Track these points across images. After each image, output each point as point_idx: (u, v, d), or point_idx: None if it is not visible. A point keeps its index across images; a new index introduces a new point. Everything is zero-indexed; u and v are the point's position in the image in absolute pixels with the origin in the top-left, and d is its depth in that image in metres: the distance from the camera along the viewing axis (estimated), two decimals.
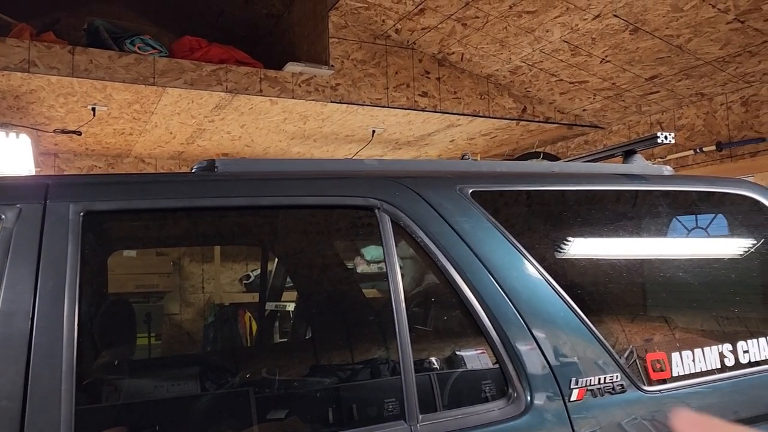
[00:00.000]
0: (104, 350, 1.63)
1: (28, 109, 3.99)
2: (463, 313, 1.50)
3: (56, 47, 3.41)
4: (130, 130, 4.57)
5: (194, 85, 3.68)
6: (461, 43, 4.14)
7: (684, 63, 3.86)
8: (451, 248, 1.49)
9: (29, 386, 1.13)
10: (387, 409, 1.38)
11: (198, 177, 1.46)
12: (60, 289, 1.22)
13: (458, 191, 1.58)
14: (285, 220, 1.63)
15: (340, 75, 4.09)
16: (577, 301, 1.53)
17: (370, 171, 1.64)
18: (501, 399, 1.42)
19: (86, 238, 1.29)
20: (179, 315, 5.18)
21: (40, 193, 1.29)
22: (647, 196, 1.87)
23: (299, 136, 4.90)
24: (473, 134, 5.06)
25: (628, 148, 1.99)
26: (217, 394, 1.69)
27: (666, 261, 1.86)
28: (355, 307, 1.94)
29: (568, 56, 4.02)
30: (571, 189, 1.75)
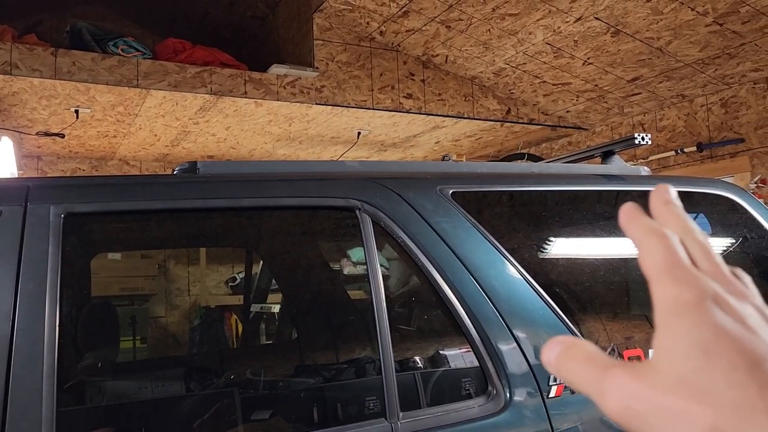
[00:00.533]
0: (87, 352, 1.63)
1: (11, 112, 3.96)
2: (443, 313, 1.53)
3: (38, 49, 3.39)
4: (114, 132, 4.55)
5: (178, 87, 3.68)
6: (445, 45, 4.17)
7: (665, 65, 3.92)
8: (431, 248, 1.51)
9: (10, 387, 1.14)
10: (368, 408, 1.39)
11: (180, 179, 1.47)
12: (41, 291, 1.22)
13: (438, 192, 1.60)
14: (267, 221, 1.64)
15: (325, 77, 4.10)
16: (557, 300, 1.55)
17: (351, 172, 1.65)
18: (481, 396, 1.44)
19: (67, 239, 1.29)
20: (165, 318, 5.16)
21: (20, 195, 1.30)
22: (625, 197, 1.90)
23: (285, 138, 4.90)
24: (458, 136, 5.10)
25: (606, 149, 2.02)
26: (201, 395, 1.70)
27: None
28: (339, 308, 1.96)
29: (551, 58, 4.07)
30: (550, 189, 1.78)
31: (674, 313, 0.30)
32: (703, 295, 0.30)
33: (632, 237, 0.34)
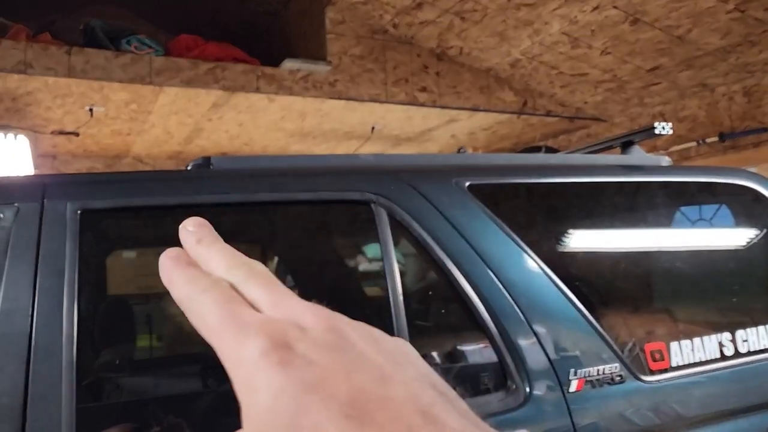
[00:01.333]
0: (104, 348, 1.63)
1: (26, 111, 3.99)
2: (461, 307, 1.50)
3: (53, 48, 3.41)
4: (127, 130, 4.57)
5: (191, 83, 3.68)
6: (460, 37, 4.13)
7: (685, 54, 3.85)
8: (448, 242, 1.49)
9: (30, 383, 1.14)
10: None
11: (193, 174, 1.46)
12: (59, 286, 1.22)
13: (455, 184, 1.57)
14: (281, 216, 1.63)
15: (338, 71, 4.08)
16: (576, 294, 1.52)
17: (366, 165, 1.64)
18: (500, 391, 1.42)
19: (84, 236, 1.29)
20: (180, 316, 5.18)
21: (37, 192, 1.30)
22: (645, 187, 1.86)
23: (298, 134, 4.90)
24: (474, 129, 5.06)
25: (626, 139, 1.99)
26: (218, 391, 1.69)
27: (666, 252, 1.85)
28: (353, 303, 1.95)
29: (567, 48, 4.01)
30: (568, 181, 1.75)
31: (247, 375, 0.24)
32: (273, 342, 0.24)
33: (177, 300, 0.28)
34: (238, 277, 0.28)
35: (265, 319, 0.26)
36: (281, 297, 0.27)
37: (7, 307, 1.18)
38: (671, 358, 1.55)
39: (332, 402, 0.23)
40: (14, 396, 1.12)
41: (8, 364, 1.14)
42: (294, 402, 0.23)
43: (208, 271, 0.29)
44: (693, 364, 1.57)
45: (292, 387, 0.23)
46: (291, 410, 0.23)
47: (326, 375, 0.24)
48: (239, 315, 0.26)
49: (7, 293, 1.19)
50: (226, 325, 0.26)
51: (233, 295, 0.27)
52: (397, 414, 0.23)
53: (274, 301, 0.27)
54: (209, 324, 0.27)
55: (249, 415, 0.24)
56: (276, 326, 0.25)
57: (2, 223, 1.24)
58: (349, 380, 0.24)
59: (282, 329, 0.25)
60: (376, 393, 0.23)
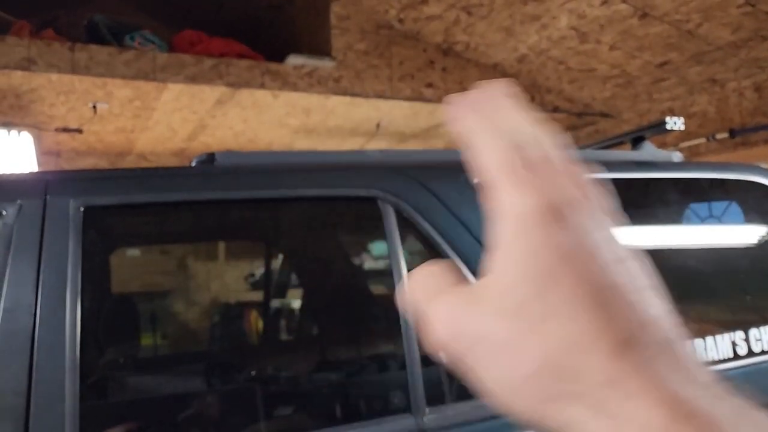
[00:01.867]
0: (108, 346, 1.62)
1: (30, 108, 3.98)
2: None
3: (56, 44, 3.39)
4: (131, 127, 4.55)
5: (195, 79, 3.66)
6: (466, 32, 4.10)
7: (695, 48, 3.80)
8: (456, 239, 1.46)
9: (33, 381, 1.13)
10: (393, 403, 1.36)
11: (198, 170, 1.44)
12: (62, 284, 1.21)
13: (463, 180, 1.55)
14: (287, 212, 1.61)
15: (343, 66, 4.05)
16: None
17: (373, 161, 1.61)
18: None
19: (87, 233, 1.27)
20: (184, 314, 5.18)
21: (40, 189, 1.28)
22: (657, 184, 1.83)
23: (303, 130, 4.87)
24: None
25: (636, 135, 1.95)
26: (222, 390, 1.67)
27: (676, 249, 1.82)
28: (360, 302, 1.92)
29: (576, 44, 3.97)
30: None
31: (513, 225, 0.25)
32: (548, 205, 0.24)
33: (463, 134, 0.28)
34: (529, 134, 0.28)
35: (547, 180, 0.25)
36: (568, 169, 0.27)
37: (10, 305, 1.16)
38: None
39: (583, 283, 0.23)
40: (18, 394, 1.11)
41: (12, 362, 1.12)
42: (547, 267, 0.23)
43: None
44: (706, 363, 1.54)
45: (550, 252, 0.24)
46: (541, 274, 0.24)
47: (587, 256, 0.24)
48: (522, 166, 0.26)
49: (10, 291, 1.17)
50: (505, 172, 0.26)
51: (522, 148, 0.26)
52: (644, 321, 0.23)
53: (561, 170, 0.26)
54: (488, 164, 0.27)
55: (496, 273, 0.25)
56: (554, 193, 0.25)
57: (5, 220, 1.22)
58: (604, 270, 0.23)
59: (558, 199, 0.25)
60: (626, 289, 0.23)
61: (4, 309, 1.16)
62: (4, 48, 3.28)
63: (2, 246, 1.21)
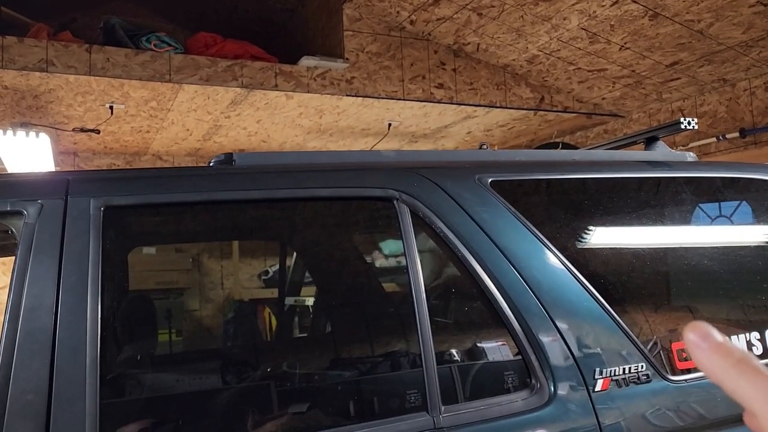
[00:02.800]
0: (127, 344, 1.64)
1: (47, 109, 4.03)
2: (484, 304, 1.49)
3: (73, 46, 3.43)
4: (147, 127, 4.60)
5: (210, 81, 3.69)
6: (477, 33, 4.11)
7: (705, 48, 3.79)
8: (470, 238, 1.47)
9: (54, 380, 1.14)
10: (409, 401, 1.37)
11: (216, 170, 1.46)
12: (83, 283, 1.23)
13: (477, 181, 1.56)
14: (304, 212, 1.63)
15: (355, 68, 4.07)
16: (600, 291, 1.50)
17: (389, 162, 1.62)
18: (524, 390, 1.40)
19: (107, 232, 1.29)
20: (199, 311, 5.22)
21: (61, 189, 1.30)
22: (670, 183, 1.83)
23: (315, 131, 4.90)
24: (490, 125, 5.03)
25: (649, 135, 1.96)
26: (239, 387, 1.69)
27: (690, 249, 1.82)
28: (374, 300, 1.94)
29: (586, 44, 3.97)
30: (592, 177, 1.73)
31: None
32: None
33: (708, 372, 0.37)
34: None
35: None
36: None
37: (32, 304, 1.18)
38: None
39: None
40: (39, 393, 1.13)
41: (33, 362, 1.14)
42: None
43: None
44: None
45: None
46: None
47: None
48: None
49: (31, 290, 1.19)
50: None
51: None
52: None
53: None
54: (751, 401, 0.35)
55: None
56: None
57: (27, 219, 1.25)
58: None
59: None
60: None
61: (26, 308, 1.18)
62: (22, 50, 3.33)
63: (24, 246, 1.23)
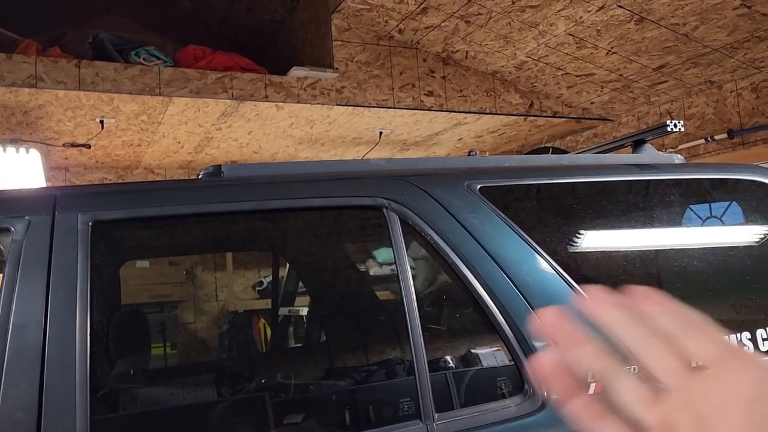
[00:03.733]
0: (118, 359, 1.63)
1: (38, 125, 4.02)
2: (475, 311, 1.49)
3: (62, 61, 3.43)
4: (138, 141, 4.59)
5: (200, 93, 3.69)
6: (465, 41, 4.13)
7: (692, 51, 3.82)
8: (461, 245, 1.48)
9: (44, 396, 1.14)
10: (402, 410, 1.37)
11: (205, 183, 1.46)
12: (71, 299, 1.22)
13: (466, 187, 1.56)
14: (294, 223, 1.63)
15: (345, 77, 4.08)
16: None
17: (377, 170, 1.63)
18: (517, 395, 1.40)
19: (95, 247, 1.29)
20: (194, 323, 5.20)
21: (48, 205, 1.30)
22: (659, 186, 1.84)
23: (307, 141, 4.90)
24: (481, 132, 5.04)
25: (637, 138, 1.97)
26: (233, 400, 1.69)
27: (681, 251, 1.83)
28: (367, 309, 1.93)
29: (573, 49, 4.00)
30: (580, 181, 1.74)
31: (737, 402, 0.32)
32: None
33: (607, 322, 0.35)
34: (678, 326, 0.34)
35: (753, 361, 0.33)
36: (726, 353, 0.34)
37: (20, 321, 1.18)
38: None
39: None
40: (29, 410, 1.12)
41: (22, 378, 1.13)
42: None
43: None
44: None
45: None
46: None
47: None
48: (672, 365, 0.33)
49: (19, 306, 1.19)
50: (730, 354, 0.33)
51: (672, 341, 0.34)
52: None
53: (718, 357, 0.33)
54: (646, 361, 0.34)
55: None
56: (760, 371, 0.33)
57: (14, 236, 1.24)
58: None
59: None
60: None
61: (14, 324, 1.17)
62: (11, 66, 3.33)
63: (12, 262, 1.23)
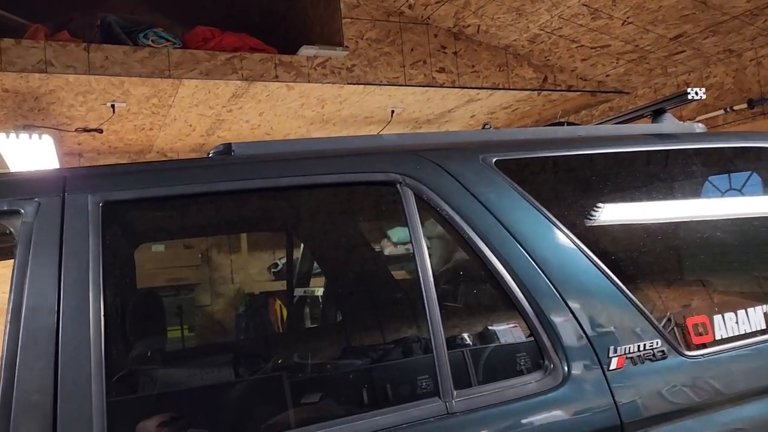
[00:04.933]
0: (133, 341, 1.63)
1: (49, 110, 4.02)
2: (493, 286, 1.46)
3: (71, 46, 3.41)
4: (150, 125, 4.58)
5: (210, 75, 3.66)
6: (477, 15, 4.05)
7: (710, 19, 3.72)
8: (477, 220, 1.44)
9: (59, 379, 1.13)
10: (421, 387, 1.35)
11: (215, 161, 1.44)
12: (84, 281, 1.21)
13: (481, 161, 1.53)
14: (306, 200, 1.60)
15: (355, 55, 4.03)
16: (612, 268, 1.47)
17: (390, 145, 1.59)
18: (537, 371, 1.38)
19: (107, 228, 1.27)
20: (210, 306, 5.23)
21: (58, 186, 1.29)
22: (680, 156, 1.79)
23: (318, 121, 4.86)
24: (494, 108, 4.97)
25: (657, 107, 1.91)
26: (251, 380, 1.68)
27: (702, 222, 1.79)
28: (384, 287, 1.91)
29: (588, 20, 3.90)
30: (598, 152, 1.69)
31: None
32: None
33: None
34: None
35: None
36: None
37: (33, 304, 1.17)
38: (715, 332, 1.49)
39: None
40: (44, 393, 1.11)
41: (37, 361, 1.13)
42: None
43: None
44: (738, 336, 1.51)
45: None
46: None
47: None
48: None
49: (32, 290, 1.17)
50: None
51: None
52: None
53: None
54: None
55: None
56: None
57: (24, 218, 1.23)
58: None
59: None
60: None
61: (27, 307, 1.17)
62: (20, 51, 3.31)
63: (23, 244, 1.21)
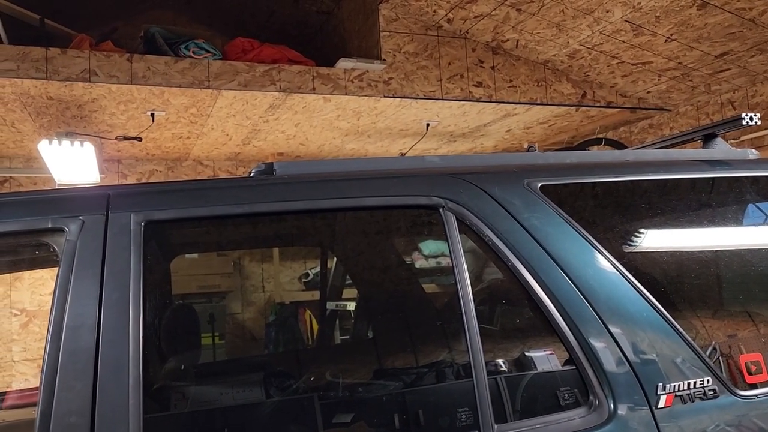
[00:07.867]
0: (169, 358, 1.63)
1: (91, 118, 4.09)
2: (536, 315, 1.42)
3: (115, 56, 3.47)
4: (187, 133, 4.64)
5: (248, 86, 3.69)
6: (516, 30, 4.01)
7: (758, 37, 3.61)
8: (520, 246, 1.40)
9: (97, 400, 1.12)
10: (460, 420, 1.31)
11: (257, 181, 1.43)
12: (124, 300, 1.20)
13: (526, 185, 1.49)
14: (348, 222, 1.58)
15: (393, 69, 4.02)
16: (661, 300, 1.42)
17: (433, 168, 1.57)
18: (582, 407, 1.33)
19: (148, 247, 1.27)
20: (241, 314, 5.25)
21: (101, 204, 1.29)
22: (732, 184, 1.73)
23: (353, 133, 4.86)
24: (530, 123, 4.91)
25: (708, 132, 1.85)
26: (282, 399, 1.66)
27: (756, 252, 1.71)
28: (422, 311, 1.88)
29: (630, 36, 3.83)
30: (648, 179, 1.64)
31: None
32: None
33: None
34: None
35: None
36: None
37: (74, 323, 1.16)
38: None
39: None
40: (82, 414, 1.11)
41: (76, 382, 1.12)
42: None
43: None
44: None
45: None
46: None
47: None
48: None
49: (73, 309, 1.17)
50: None
51: None
52: None
53: None
54: None
55: None
56: None
57: (68, 236, 1.23)
58: None
59: None
60: None
61: (68, 326, 1.16)
62: (65, 61, 3.38)
63: (66, 262, 1.21)
